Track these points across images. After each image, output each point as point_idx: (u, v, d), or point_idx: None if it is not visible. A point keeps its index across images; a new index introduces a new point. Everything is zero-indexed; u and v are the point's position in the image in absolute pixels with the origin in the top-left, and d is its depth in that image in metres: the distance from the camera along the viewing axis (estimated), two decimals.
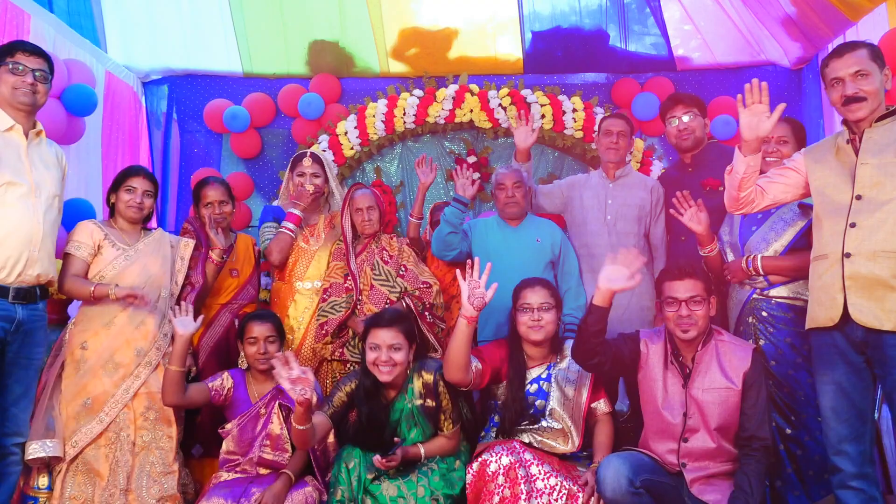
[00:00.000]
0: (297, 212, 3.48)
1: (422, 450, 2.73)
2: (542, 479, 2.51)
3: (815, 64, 4.52)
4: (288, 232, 3.46)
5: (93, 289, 2.88)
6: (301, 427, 2.48)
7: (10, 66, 2.65)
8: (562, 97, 4.87)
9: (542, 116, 4.81)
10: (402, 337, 2.74)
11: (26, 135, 2.71)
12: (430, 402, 2.76)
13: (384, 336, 2.72)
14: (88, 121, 3.98)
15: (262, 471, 2.87)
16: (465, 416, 2.88)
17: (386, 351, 2.70)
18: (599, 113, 4.80)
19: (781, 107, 2.41)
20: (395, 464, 2.58)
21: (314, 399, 2.52)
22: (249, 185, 5.05)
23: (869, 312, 2.23)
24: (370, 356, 2.72)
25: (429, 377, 2.78)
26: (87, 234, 3.00)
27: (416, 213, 3.83)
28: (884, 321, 2.20)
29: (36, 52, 2.72)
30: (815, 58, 4.56)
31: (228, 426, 2.91)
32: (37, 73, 2.69)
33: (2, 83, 2.65)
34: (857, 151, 2.36)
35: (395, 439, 2.70)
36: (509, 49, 4.98)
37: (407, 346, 2.76)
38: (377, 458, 2.57)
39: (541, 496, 2.48)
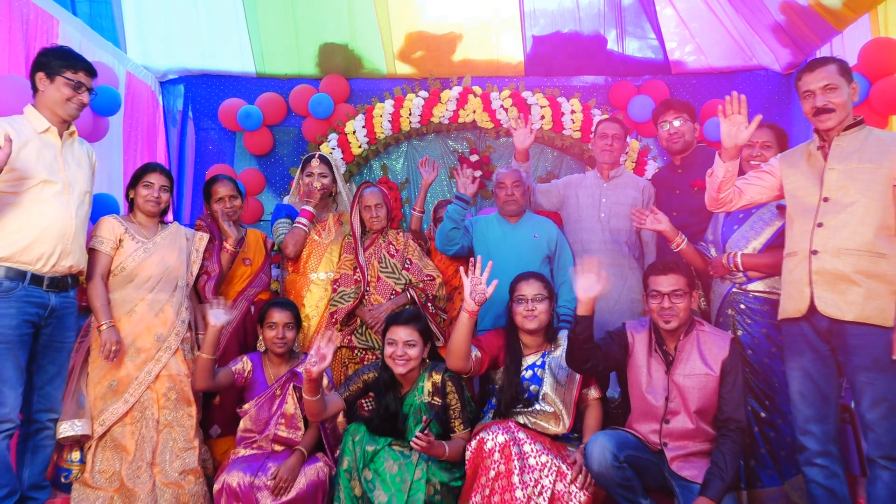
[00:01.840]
0: (309, 208, 3.70)
1: (446, 448, 2.79)
2: (534, 457, 2.71)
3: None
4: (302, 227, 3.68)
5: (99, 309, 3.04)
6: (310, 398, 2.77)
7: (73, 82, 2.84)
8: (561, 99, 4.99)
9: (542, 117, 4.95)
10: (416, 335, 2.94)
11: (60, 136, 2.91)
12: (436, 400, 2.95)
13: (401, 333, 2.93)
14: (111, 119, 4.16)
15: (277, 447, 3.09)
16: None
17: (402, 346, 2.91)
18: (597, 114, 4.94)
19: (758, 118, 2.61)
20: (430, 440, 2.67)
21: (324, 381, 2.76)
22: (261, 180, 5.21)
23: (832, 304, 2.44)
24: (388, 350, 2.94)
25: (437, 377, 2.97)
26: (108, 229, 3.18)
27: (419, 207, 4.05)
28: (845, 312, 2.42)
29: (94, 73, 2.94)
30: (803, 63, 4.73)
31: (246, 406, 3.12)
32: (90, 92, 2.92)
33: (55, 90, 2.83)
34: (826, 157, 2.57)
35: (424, 418, 2.85)
36: (511, 52, 5.11)
37: (421, 343, 2.96)
38: (416, 435, 2.63)
39: (532, 472, 2.69)
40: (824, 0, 4.00)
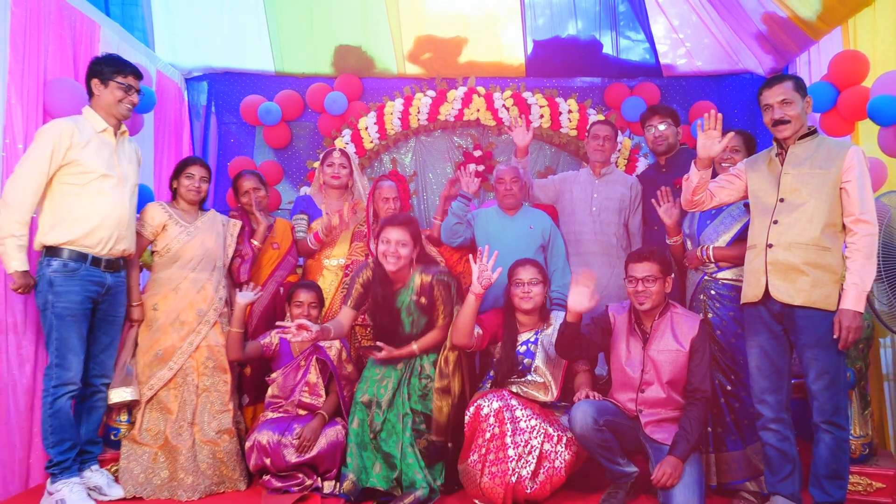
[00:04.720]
0: (322, 236, 4.04)
1: (415, 347, 3.30)
2: (525, 421, 3.10)
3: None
4: (311, 246, 4.09)
5: (133, 289, 3.47)
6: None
7: (124, 85, 3.23)
8: (559, 99, 5.31)
9: (541, 116, 5.27)
10: (408, 236, 3.27)
11: (115, 135, 3.29)
12: (423, 300, 3.30)
13: (394, 234, 3.26)
14: (144, 115, 4.53)
15: (301, 411, 3.48)
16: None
17: (394, 245, 3.24)
18: (592, 114, 5.26)
19: (730, 135, 2.99)
20: (385, 355, 3.20)
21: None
22: (279, 172, 5.53)
23: (784, 291, 2.81)
24: (381, 248, 3.26)
25: (427, 279, 3.29)
26: (150, 215, 3.57)
27: (439, 217, 4.21)
28: (795, 298, 2.79)
29: (140, 76, 3.32)
30: (785, 69, 5.07)
31: (274, 375, 3.52)
32: (138, 93, 3.29)
33: (110, 94, 3.21)
34: (782, 163, 2.93)
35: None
36: (513, 55, 5.43)
37: (412, 244, 3.28)
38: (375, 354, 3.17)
39: (523, 434, 3.07)
40: (800, 13, 4.33)
